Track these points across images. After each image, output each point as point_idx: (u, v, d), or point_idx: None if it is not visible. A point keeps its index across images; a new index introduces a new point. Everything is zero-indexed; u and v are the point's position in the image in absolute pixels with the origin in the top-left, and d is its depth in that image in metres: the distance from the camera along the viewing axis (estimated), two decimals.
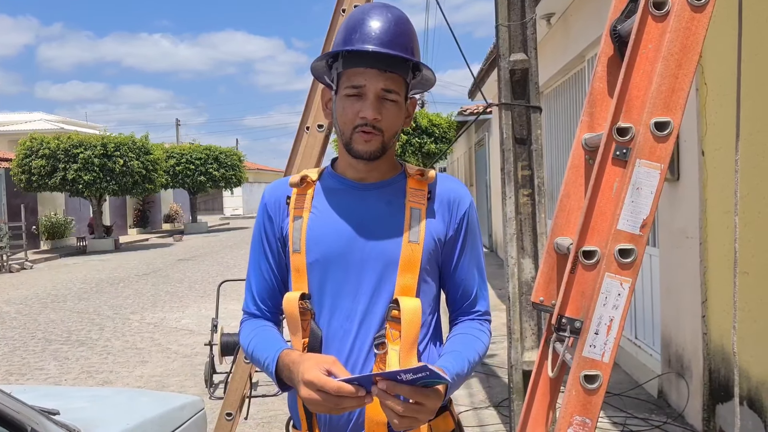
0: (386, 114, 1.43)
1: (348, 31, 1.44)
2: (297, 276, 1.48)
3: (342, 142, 1.47)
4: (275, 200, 1.54)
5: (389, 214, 1.48)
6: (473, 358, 1.48)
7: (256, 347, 1.48)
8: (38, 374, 6.36)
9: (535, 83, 3.59)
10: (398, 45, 1.41)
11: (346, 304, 1.45)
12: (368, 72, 1.40)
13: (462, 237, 1.54)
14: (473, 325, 1.57)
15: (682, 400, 4.16)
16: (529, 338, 3.60)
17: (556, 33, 7.40)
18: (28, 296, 11.52)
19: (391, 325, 1.43)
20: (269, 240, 1.54)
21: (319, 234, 1.47)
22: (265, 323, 1.55)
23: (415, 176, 1.52)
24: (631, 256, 1.53)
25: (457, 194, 1.54)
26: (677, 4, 1.53)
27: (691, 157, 3.93)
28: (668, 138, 1.53)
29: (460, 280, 1.57)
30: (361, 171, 1.50)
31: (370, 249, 1.45)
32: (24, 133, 23.06)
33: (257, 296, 1.56)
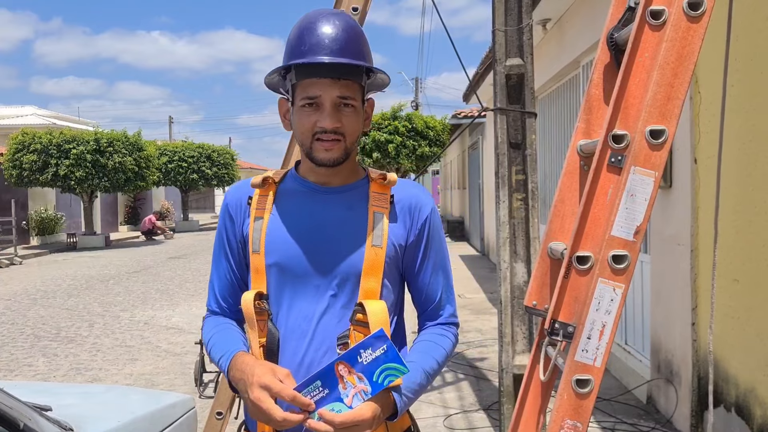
0: (346, 120, 1.43)
1: (297, 41, 1.43)
2: (256, 276, 1.49)
3: (303, 152, 1.48)
4: (236, 201, 1.55)
5: (351, 218, 1.48)
6: (431, 367, 1.49)
7: (215, 344, 1.50)
8: (27, 370, 6.32)
9: (530, 88, 3.61)
10: (349, 52, 1.41)
11: (305, 305, 1.46)
12: (322, 82, 1.40)
13: (424, 242, 1.55)
14: (436, 331, 1.58)
15: (670, 405, 4.18)
16: (520, 342, 3.62)
17: (552, 39, 7.44)
18: (17, 292, 11.45)
19: (355, 328, 1.44)
20: (230, 240, 1.55)
21: (279, 236, 1.47)
22: (227, 321, 1.57)
23: (377, 180, 1.53)
24: (625, 262, 1.54)
25: (419, 200, 1.55)
26: (674, 14, 1.55)
27: (684, 164, 3.97)
28: (663, 146, 1.54)
29: (424, 285, 1.58)
30: (323, 175, 1.51)
31: (331, 252, 1.46)
32: (15, 127, 22.93)
33: (219, 294, 1.58)
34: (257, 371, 1.32)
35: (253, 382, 1.31)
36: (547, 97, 8.28)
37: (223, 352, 1.46)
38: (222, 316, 1.59)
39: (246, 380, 1.34)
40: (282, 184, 1.54)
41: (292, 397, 1.27)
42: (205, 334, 1.57)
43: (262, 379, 1.30)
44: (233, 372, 1.39)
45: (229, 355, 1.43)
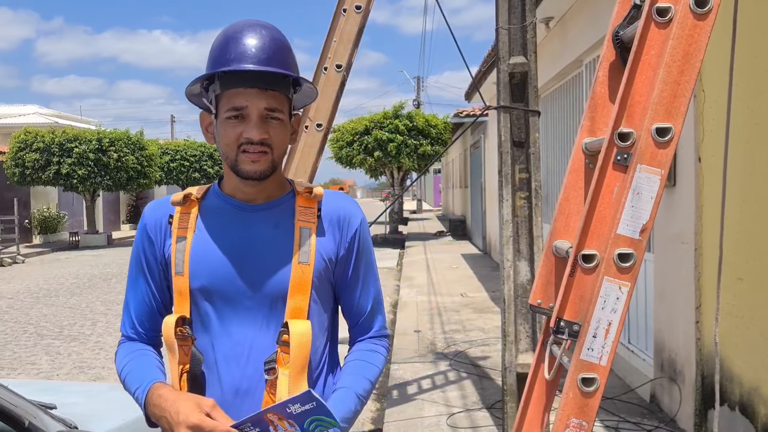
0: (273, 132, 1.38)
1: (222, 50, 1.37)
2: (179, 299, 1.42)
3: (228, 165, 1.41)
4: (156, 221, 1.47)
5: (278, 235, 1.43)
6: (364, 389, 1.45)
7: (129, 374, 1.42)
8: (30, 369, 6.33)
9: (534, 87, 3.60)
10: (276, 62, 1.37)
11: (236, 329, 1.40)
12: (249, 92, 1.35)
13: (354, 255, 1.51)
14: (367, 347, 1.55)
15: (674, 404, 4.18)
16: (523, 341, 3.62)
17: (554, 37, 7.43)
18: (19, 290, 11.47)
19: (282, 349, 1.39)
20: (149, 262, 1.48)
21: (204, 257, 1.41)
22: (142, 347, 1.49)
23: (303, 194, 1.48)
24: (631, 260, 1.54)
25: (347, 212, 1.50)
26: (680, 11, 1.54)
27: (688, 163, 3.96)
28: (669, 144, 1.54)
29: (354, 299, 1.54)
30: (248, 192, 1.44)
31: (259, 273, 1.41)
32: (17, 126, 22.96)
33: (135, 319, 1.50)
34: (182, 409, 1.25)
35: (179, 421, 1.24)
36: (550, 95, 8.27)
37: (138, 383, 1.38)
38: (138, 341, 1.50)
39: (169, 419, 1.26)
40: (204, 202, 1.47)
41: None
42: (119, 362, 1.47)
43: (190, 418, 1.23)
44: (152, 408, 1.32)
45: (145, 387, 1.35)
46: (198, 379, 1.39)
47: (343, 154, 19.67)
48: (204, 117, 1.48)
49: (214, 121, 1.41)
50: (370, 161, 19.14)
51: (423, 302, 8.81)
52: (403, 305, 8.71)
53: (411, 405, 4.70)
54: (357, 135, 19.26)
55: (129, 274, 1.52)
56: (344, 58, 3.72)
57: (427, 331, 7.08)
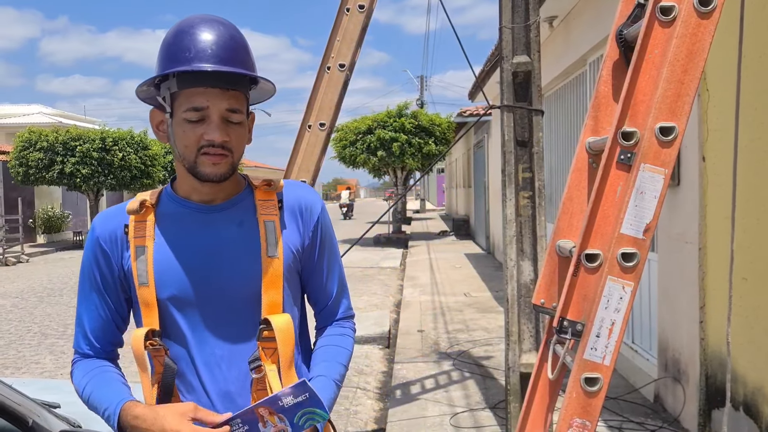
0: (234, 135, 1.34)
1: (179, 47, 1.31)
2: (147, 311, 1.37)
3: (185, 166, 1.36)
4: (110, 232, 1.41)
5: (243, 234, 1.41)
6: (339, 373, 1.46)
7: (92, 393, 1.37)
8: (34, 368, 6.35)
9: (537, 86, 3.60)
10: (237, 61, 1.33)
11: (212, 333, 1.38)
12: (210, 92, 1.30)
13: (319, 243, 1.50)
14: (336, 332, 1.55)
15: (678, 404, 4.17)
16: (526, 340, 3.61)
17: (558, 36, 7.42)
18: (24, 290, 11.50)
19: (263, 344, 1.38)
20: (104, 276, 1.42)
21: (170, 265, 1.37)
22: (102, 363, 1.44)
23: (261, 187, 1.45)
24: (634, 260, 1.54)
25: (308, 201, 1.49)
26: (684, 10, 1.54)
27: (692, 162, 3.95)
28: (673, 143, 1.54)
29: (321, 284, 1.54)
30: (206, 194, 1.40)
31: (229, 274, 1.38)
32: (21, 126, 23.03)
33: (91, 334, 1.44)
34: (167, 425, 1.23)
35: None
36: (554, 94, 8.25)
37: (107, 404, 1.33)
38: (95, 358, 1.45)
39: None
40: (159, 207, 1.42)
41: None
42: (78, 382, 1.41)
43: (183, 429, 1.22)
44: (129, 429, 1.29)
45: (115, 408, 1.31)
46: (170, 390, 1.36)
47: (346, 154, 19.67)
48: (155, 114, 1.41)
49: (168, 120, 1.35)
50: (374, 161, 19.14)
51: (426, 302, 8.81)
52: (406, 305, 8.71)
53: (414, 405, 4.70)
54: (360, 134, 19.26)
55: (80, 289, 1.46)
56: (347, 58, 3.72)
57: (431, 331, 7.08)
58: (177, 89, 1.32)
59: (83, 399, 1.40)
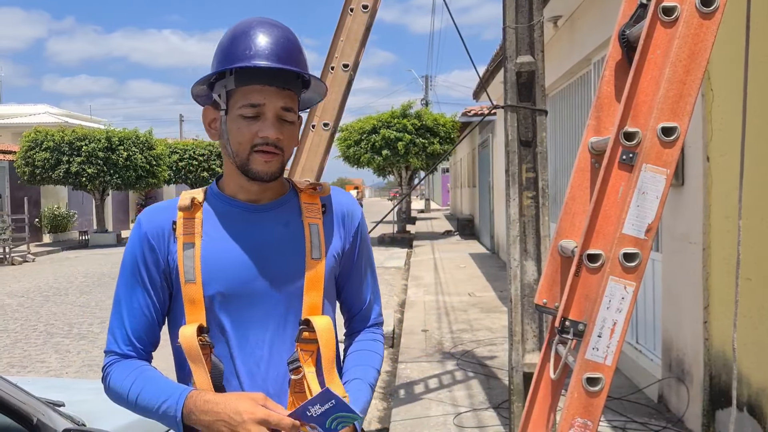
0: (286, 133, 1.36)
1: (239, 46, 1.34)
2: (192, 308, 1.37)
3: (236, 164, 1.38)
4: (157, 227, 1.41)
5: (288, 234, 1.42)
6: (374, 377, 1.48)
7: (143, 390, 1.34)
8: (39, 367, 6.38)
9: (541, 86, 3.60)
10: (294, 61, 1.36)
11: (254, 333, 1.38)
12: (266, 90, 1.33)
13: (357, 249, 1.53)
14: (368, 337, 1.57)
15: (682, 405, 4.16)
16: (530, 340, 3.61)
17: (563, 35, 7.41)
18: (30, 289, 11.55)
19: (302, 346, 1.39)
20: (150, 271, 1.40)
21: (217, 263, 1.37)
22: (143, 363, 1.41)
23: (307, 191, 1.48)
24: (636, 260, 1.54)
25: (349, 207, 1.52)
26: (686, 10, 1.54)
27: (696, 162, 3.94)
28: (675, 143, 1.53)
29: (356, 290, 1.56)
30: (253, 193, 1.42)
31: (274, 274, 1.39)
32: (28, 125, 23.12)
33: (133, 334, 1.40)
34: (241, 407, 1.23)
35: (244, 420, 1.21)
36: (558, 94, 8.24)
37: (165, 396, 1.31)
38: (135, 359, 1.41)
39: (230, 421, 1.23)
40: (206, 205, 1.43)
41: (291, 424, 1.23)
42: (121, 383, 1.37)
43: (256, 414, 1.22)
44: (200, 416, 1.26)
45: (179, 397, 1.29)
46: (219, 388, 1.35)
47: (351, 153, 19.68)
48: (208, 112, 1.43)
49: (222, 117, 1.37)
50: (378, 160, 19.15)
51: (431, 302, 8.81)
52: (410, 305, 8.71)
53: (418, 404, 4.71)
54: (364, 134, 19.27)
55: (121, 285, 1.43)
56: (351, 58, 3.73)
57: (435, 331, 7.08)
58: (234, 87, 1.34)
59: (129, 399, 1.35)
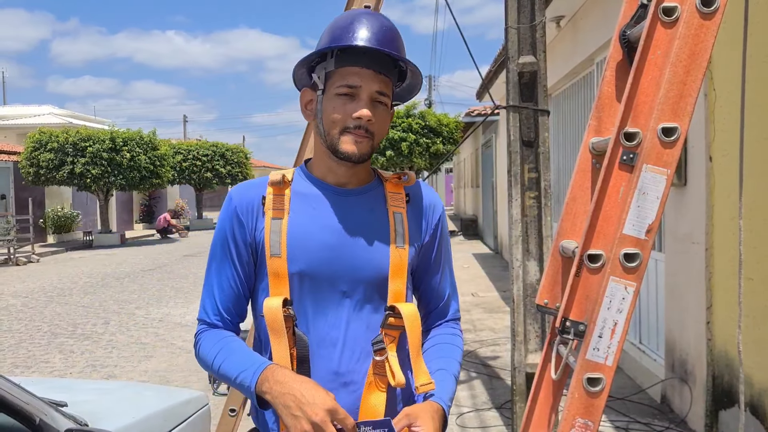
0: (378, 117, 1.40)
1: (341, 30, 1.40)
2: (276, 281, 1.39)
3: (326, 144, 1.41)
4: (247, 202, 1.44)
5: (374, 221, 1.45)
6: (457, 370, 1.50)
7: (225, 360, 1.38)
8: (44, 367, 6.40)
9: (543, 86, 3.59)
10: (392, 48, 1.39)
11: (331, 312, 1.41)
12: (364, 72, 1.37)
13: (437, 242, 1.54)
14: (448, 331, 1.58)
15: (685, 405, 4.16)
16: (532, 341, 3.61)
17: (566, 36, 7.40)
18: (34, 289, 11.59)
19: (386, 332, 1.42)
20: (238, 245, 1.44)
21: (301, 239, 1.40)
22: (230, 335, 1.45)
23: (392, 180, 1.51)
24: (636, 260, 1.54)
25: (431, 200, 1.54)
26: (686, 11, 1.54)
27: (699, 162, 3.94)
28: (675, 144, 1.53)
29: (435, 284, 1.57)
30: (341, 176, 1.45)
31: (357, 257, 1.42)
32: (32, 126, 23.19)
33: (221, 305, 1.45)
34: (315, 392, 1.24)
35: (315, 402, 1.22)
36: (561, 94, 8.24)
37: (245, 366, 1.33)
38: (222, 329, 1.46)
39: (300, 397, 1.23)
40: (294, 185, 1.46)
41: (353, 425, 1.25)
42: (208, 350, 1.42)
43: (327, 402, 1.22)
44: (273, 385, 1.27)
45: (257, 368, 1.31)
46: (305, 360, 1.37)
47: None
48: (306, 94, 1.48)
49: (318, 98, 1.42)
50: (382, 160, 19.16)
51: None
52: None
53: None
54: None
55: (212, 258, 1.47)
56: None
57: None
58: (333, 68, 1.39)
59: (213, 367, 1.40)
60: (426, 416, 1.32)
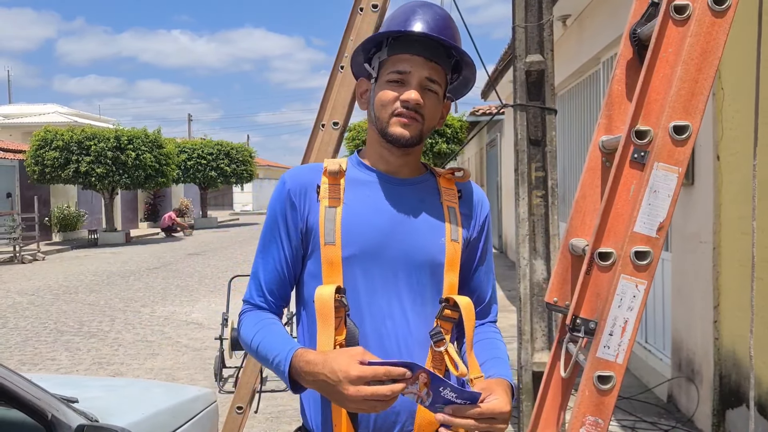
0: (428, 102, 1.41)
1: (396, 19, 1.43)
2: (330, 269, 1.39)
3: (377, 129, 1.43)
4: (301, 187, 1.45)
5: (425, 211, 1.45)
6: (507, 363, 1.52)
7: (262, 342, 1.38)
8: (50, 364, 6.42)
9: (550, 85, 3.59)
10: (446, 36, 1.41)
11: (384, 301, 1.40)
12: (414, 59, 1.39)
13: (483, 240, 1.55)
14: (490, 329, 1.59)
15: (691, 404, 4.15)
16: (539, 339, 3.61)
17: (572, 34, 7.39)
18: (40, 287, 11.63)
19: (442, 324, 1.43)
20: (288, 229, 1.44)
21: (356, 227, 1.41)
22: (270, 316, 1.46)
23: (445, 175, 1.52)
24: (647, 258, 1.54)
25: (480, 197, 1.56)
26: (698, 8, 1.54)
27: (706, 161, 3.93)
28: (687, 142, 1.53)
29: (478, 283, 1.57)
30: (393, 164, 1.46)
31: (408, 246, 1.42)
32: (38, 125, 23.25)
33: (265, 286, 1.46)
34: (336, 367, 1.21)
35: (340, 379, 1.20)
36: (567, 93, 8.23)
37: (278, 350, 1.33)
38: (266, 310, 1.47)
39: (327, 380, 1.22)
40: (348, 173, 1.47)
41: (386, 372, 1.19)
42: (247, 331, 1.43)
43: (350, 372, 1.19)
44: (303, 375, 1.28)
45: (288, 353, 1.31)
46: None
47: None
48: (362, 83, 1.51)
49: (372, 86, 1.45)
50: None
51: None
52: None
53: None
54: None
55: (261, 241, 1.48)
56: None
57: None
58: (386, 56, 1.42)
59: (251, 347, 1.41)
60: (499, 389, 1.32)
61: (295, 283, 1.50)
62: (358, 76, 1.54)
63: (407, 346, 1.41)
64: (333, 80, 3.77)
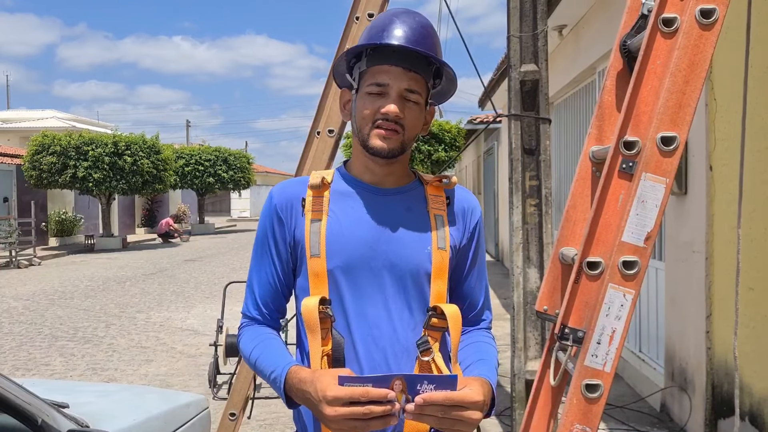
0: (408, 113, 1.41)
1: (374, 29, 1.44)
2: (316, 281, 1.42)
3: (359, 141, 1.44)
4: (287, 202, 1.47)
5: (412, 219, 1.46)
6: (497, 366, 1.50)
7: (260, 357, 1.42)
8: (44, 370, 6.41)
9: (545, 94, 3.61)
10: (423, 46, 1.41)
11: (371, 311, 1.41)
12: (393, 70, 1.39)
13: (474, 247, 1.55)
14: (482, 334, 1.58)
15: (684, 414, 4.16)
16: (532, 348, 3.62)
17: (568, 44, 7.43)
18: (35, 292, 11.60)
19: (429, 333, 1.42)
20: (277, 243, 1.47)
21: (340, 238, 1.42)
22: (267, 330, 1.49)
23: (432, 183, 1.52)
24: (635, 268, 1.55)
25: (470, 204, 1.55)
26: (686, 21, 1.56)
27: (699, 171, 3.95)
28: (674, 152, 1.55)
29: (469, 290, 1.57)
30: (377, 174, 1.47)
31: (394, 255, 1.42)
32: (36, 130, 23.24)
33: (260, 300, 1.49)
34: (319, 387, 1.23)
35: (320, 399, 1.22)
36: (563, 102, 8.26)
37: (274, 366, 1.37)
38: (261, 324, 1.50)
39: (311, 399, 1.25)
40: (334, 185, 1.49)
41: (362, 393, 1.20)
42: (246, 345, 1.47)
43: (327, 393, 1.21)
44: (295, 393, 1.31)
45: (282, 370, 1.34)
46: (340, 360, 1.38)
47: None
48: (344, 94, 1.52)
49: (354, 97, 1.46)
50: None
51: None
52: None
53: None
54: None
55: (253, 255, 1.52)
56: None
57: None
58: (366, 67, 1.42)
59: (250, 361, 1.45)
60: (475, 383, 1.31)
61: (290, 296, 1.52)
62: (342, 86, 1.55)
63: (395, 355, 1.41)
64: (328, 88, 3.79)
